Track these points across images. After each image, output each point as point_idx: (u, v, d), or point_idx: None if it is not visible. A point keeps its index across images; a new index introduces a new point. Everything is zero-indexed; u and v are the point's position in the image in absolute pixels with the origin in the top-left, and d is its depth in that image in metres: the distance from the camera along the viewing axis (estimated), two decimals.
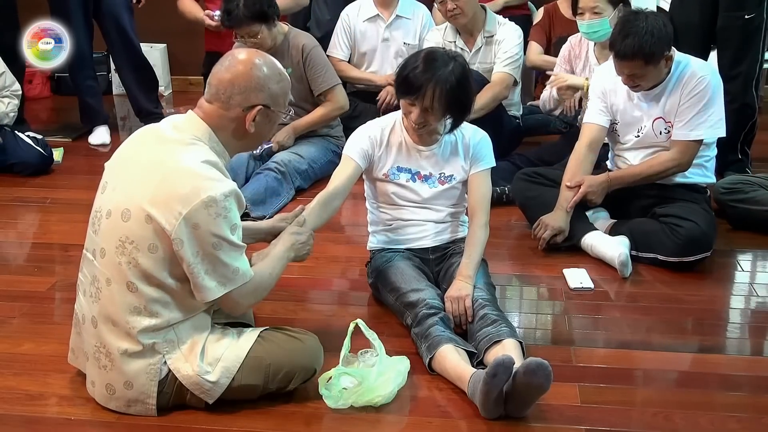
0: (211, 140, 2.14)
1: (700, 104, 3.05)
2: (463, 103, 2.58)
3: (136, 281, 2.07)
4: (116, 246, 2.08)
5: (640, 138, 3.18)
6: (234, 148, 2.23)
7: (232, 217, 2.07)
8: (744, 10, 3.70)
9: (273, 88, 2.17)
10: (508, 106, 4.15)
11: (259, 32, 3.73)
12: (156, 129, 2.20)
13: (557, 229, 3.16)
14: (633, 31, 2.91)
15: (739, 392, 2.35)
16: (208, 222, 2.02)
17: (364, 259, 2.93)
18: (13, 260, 3.30)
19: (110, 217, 2.10)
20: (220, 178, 2.07)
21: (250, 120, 2.15)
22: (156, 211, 2.03)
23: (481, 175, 2.73)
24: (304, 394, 2.26)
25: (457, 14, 3.92)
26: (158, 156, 2.10)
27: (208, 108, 2.16)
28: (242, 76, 2.13)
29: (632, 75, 3.00)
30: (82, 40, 4.45)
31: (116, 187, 2.14)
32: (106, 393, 2.19)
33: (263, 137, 2.29)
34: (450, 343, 2.36)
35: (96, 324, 2.14)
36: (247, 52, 2.20)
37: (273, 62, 2.21)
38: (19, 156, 4.06)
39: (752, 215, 3.39)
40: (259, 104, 2.15)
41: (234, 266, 2.10)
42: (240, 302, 2.19)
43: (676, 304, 2.86)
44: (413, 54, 2.63)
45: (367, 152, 2.69)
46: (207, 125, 2.14)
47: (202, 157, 2.08)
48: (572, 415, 2.22)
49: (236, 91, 2.13)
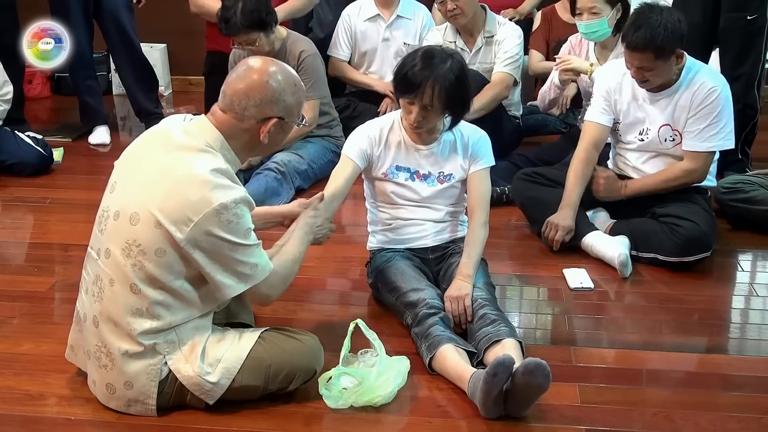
0: (223, 147, 2.13)
1: (712, 115, 3.04)
2: (462, 100, 2.58)
3: (139, 283, 2.07)
4: (122, 248, 2.08)
5: (644, 143, 3.17)
6: (245, 156, 2.25)
7: (244, 222, 2.08)
8: (746, 11, 3.70)
9: (288, 101, 2.16)
10: (508, 106, 4.15)
11: (257, 39, 3.72)
12: (167, 132, 2.17)
13: (568, 228, 3.15)
14: (646, 23, 2.90)
15: (739, 392, 2.35)
16: (220, 229, 2.03)
17: (364, 259, 2.93)
18: (13, 260, 3.30)
19: (118, 218, 2.10)
20: (231, 186, 2.07)
21: (265, 132, 2.15)
22: (166, 217, 2.03)
23: (481, 174, 2.72)
24: (304, 394, 2.26)
25: (457, 14, 3.92)
26: (169, 162, 2.09)
27: (221, 117, 2.14)
28: (257, 88, 2.11)
29: (641, 68, 2.98)
30: (82, 40, 4.45)
31: (126, 188, 2.14)
32: (106, 392, 2.19)
33: (276, 147, 2.30)
34: (450, 343, 2.36)
35: (97, 324, 2.14)
36: (263, 60, 2.18)
37: (288, 72, 2.19)
38: (19, 156, 4.06)
39: (752, 215, 3.39)
40: (274, 116, 2.14)
41: (251, 262, 2.12)
42: (269, 293, 2.22)
43: (676, 304, 2.86)
44: (410, 53, 2.62)
45: (366, 152, 2.69)
46: (219, 132, 2.13)
47: (213, 165, 2.07)
48: (572, 415, 2.22)
49: (251, 103, 2.11)
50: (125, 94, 4.89)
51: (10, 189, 3.94)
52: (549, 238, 3.17)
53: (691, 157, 3.10)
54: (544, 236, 3.19)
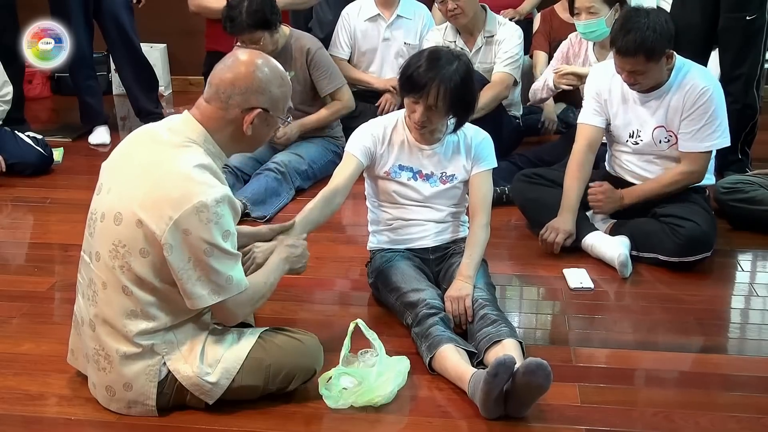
0: (207, 142, 2.10)
1: (706, 115, 3.04)
2: (467, 102, 2.58)
3: (130, 285, 2.06)
4: (110, 250, 2.06)
5: (639, 146, 3.17)
6: (231, 150, 2.20)
7: (224, 223, 2.03)
8: (745, 11, 3.69)
9: (274, 92, 2.14)
10: (508, 106, 4.15)
11: (261, 39, 3.73)
12: (151, 130, 2.16)
13: (568, 233, 3.15)
14: (635, 26, 2.89)
15: (739, 392, 2.35)
16: (199, 228, 1.99)
17: (365, 259, 2.93)
18: (13, 260, 3.30)
19: (104, 220, 2.09)
20: (213, 183, 2.03)
21: (248, 122, 2.11)
22: (146, 215, 2.00)
23: (483, 176, 2.73)
24: (304, 394, 2.26)
25: (458, 14, 3.92)
26: (151, 158, 2.07)
27: (205, 108, 2.13)
28: (244, 77, 2.10)
29: (633, 72, 2.98)
30: (82, 40, 4.45)
31: (111, 189, 2.12)
32: (106, 395, 2.18)
33: (260, 141, 2.24)
34: (450, 343, 2.36)
35: (94, 327, 2.14)
36: (250, 53, 2.18)
37: (276, 66, 2.18)
38: (19, 156, 4.06)
39: (752, 215, 3.39)
40: (258, 107, 2.12)
41: (227, 275, 2.05)
42: (235, 312, 2.15)
43: (676, 304, 2.86)
44: (416, 53, 2.63)
45: (370, 150, 2.69)
46: (203, 127, 2.11)
47: (195, 160, 2.04)
48: (572, 415, 2.22)
49: (237, 91, 2.09)
50: (125, 94, 4.89)
51: (10, 189, 3.94)
52: (549, 242, 3.15)
53: (689, 158, 3.10)
54: (543, 239, 3.17)
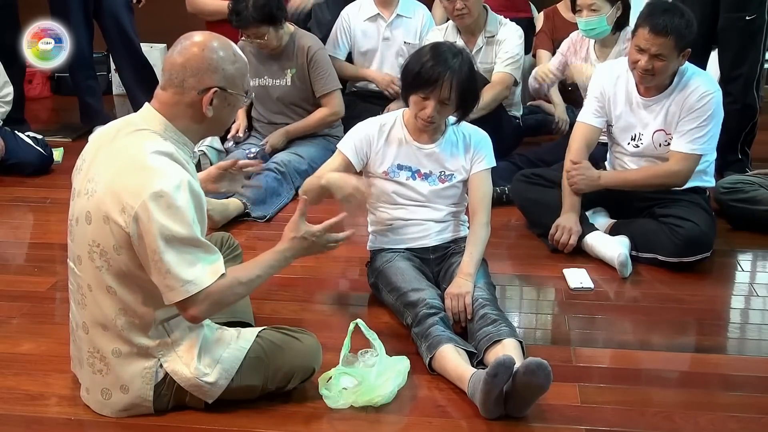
0: (168, 130, 2.05)
1: (702, 118, 3.03)
2: (474, 94, 2.62)
3: (113, 284, 2.04)
4: (88, 252, 2.04)
5: (639, 149, 3.17)
6: (195, 134, 2.13)
7: (184, 210, 1.95)
8: (745, 11, 3.70)
9: (228, 69, 2.07)
10: (508, 106, 4.15)
11: (266, 34, 3.75)
12: (110, 127, 2.13)
13: (579, 233, 3.14)
14: (672, 8, 2.92)
15: (739, 392, 2.35)
16: (160, 216, 1.92)
17: (364, 259, 2.93)
18: (13, 260, 3.30)
19: (78, 223, 2.07)
20: (171, 170, 1.97)
21: (206, 103, 2.05)
22: (110, 209, 1.97)
23: (482, 175, 2.73)
24: (303, 394, 2.26)
25: (465, 14, 3.91)
26: (110, 153, 2.05)
27: (163, 96, 2.07)
28: (195, 59, 2.04)
29: (656, 56, 2.92)
30: (82, 40, 4.45)
31: (80, 192, 2.09)
32: (101, 398, 2.16)
33: (225, 121, 2.17)
34: (450, 343, 2.36)
35: (87, 330, 2.13)
36: (200, 34, 2.10)
37: (226, 43, 2.11)
38: (19, 156, 4.06)
39: (752, 215, 3.39)
40: (214, 86, 2.05)
41: (195, 263, 1.97)
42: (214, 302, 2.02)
43: (676, 304, 2.86)
44: (417, 50, 2.64)
45: (361, 148, 2.70)
46: (162, 117, 2.06)
47: (152, 147, 1.99)
48: (572, 415, 2.22)
49: (189, 73, 2.03)
50: (125, 94, 4.90)
51: (10, 189, 3.94)
52: (562, 242, 3.15)
53: (674, 157, 3.09)
54: (554, 240, 3.16)
